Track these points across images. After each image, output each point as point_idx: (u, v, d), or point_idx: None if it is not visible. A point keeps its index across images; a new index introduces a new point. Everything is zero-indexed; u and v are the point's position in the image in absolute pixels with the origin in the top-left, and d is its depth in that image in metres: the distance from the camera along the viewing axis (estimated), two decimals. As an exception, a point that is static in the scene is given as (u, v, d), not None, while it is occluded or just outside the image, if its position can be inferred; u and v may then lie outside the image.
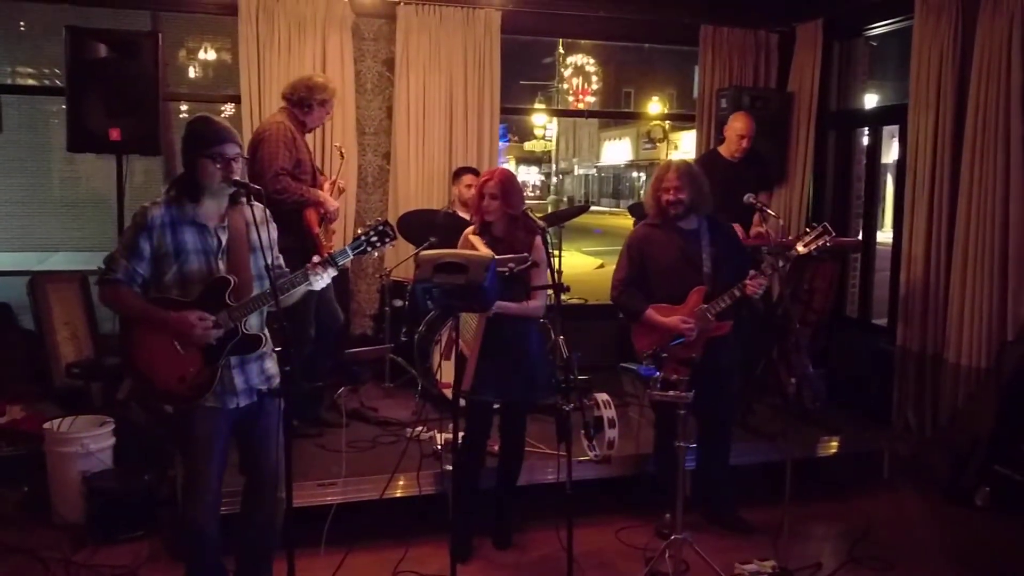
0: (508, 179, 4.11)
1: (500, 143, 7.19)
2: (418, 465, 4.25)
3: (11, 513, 4.51)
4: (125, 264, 3.07)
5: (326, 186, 5.04)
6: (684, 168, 4.33)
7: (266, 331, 3.29)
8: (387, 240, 3.40)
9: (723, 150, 5.81)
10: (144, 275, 3.10)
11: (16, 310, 6.13)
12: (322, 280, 3.29)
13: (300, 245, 4.56)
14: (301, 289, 3.28)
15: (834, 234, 4.31)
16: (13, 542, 4.15)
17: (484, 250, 3.92)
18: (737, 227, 5.19)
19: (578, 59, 32.49)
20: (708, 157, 6.01)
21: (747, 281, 4.16)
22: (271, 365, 3.32)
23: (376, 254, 3.50)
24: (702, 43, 7.20)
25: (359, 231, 3.44)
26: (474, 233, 4.16)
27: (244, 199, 3.16)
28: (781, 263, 4.21)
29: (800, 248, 4.25)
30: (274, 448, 3.25)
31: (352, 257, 3.37)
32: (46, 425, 4.55)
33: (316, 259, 3.29)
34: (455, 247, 4.09)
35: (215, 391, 3.14)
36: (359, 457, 4.63)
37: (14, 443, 4.95)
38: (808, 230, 4.32)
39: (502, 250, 3.92)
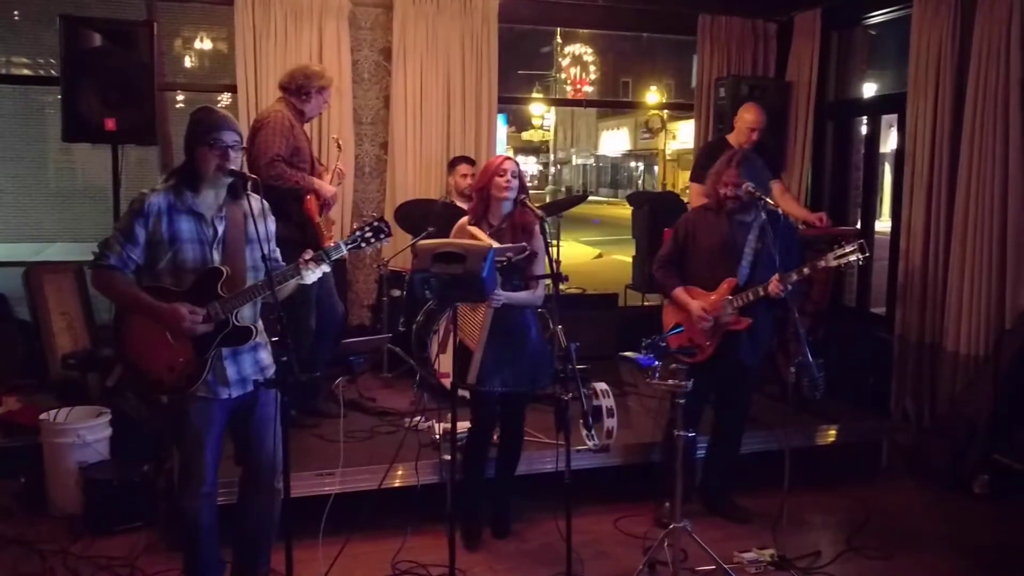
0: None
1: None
2: (416, 455, 4.24)
3: (8, 504, 4.50)
4: (119, 249, 3.06)
5: (326, 176, 5.03)
6: (745, 162, 4.29)
7: (259, 323, 3.29)
8: (381, 236, 3.39)
9: (732, 139, 5.80)
10: (138, 261, 3.09)
11: (12, 301, 6.11)
12: (313, 274, 3.28)
13: (301, 235, 4.56)
14: (293, 282, 3.27)
15: (869, 254, 4.22)
16: (10, 533, 4.15)
17: (488, 240, 3.91)
18: None
19: (576, 49, 32.50)
20: (716, 145, 5.98)
21: (771, 281, 4.13)
22: (265, 356, 3.31)
23: (370, 250, 3.48)
24: (700, 33, 7.18)
25: (354, 226, 3.44)
26: (471, 223, 4.13)
27: (243, 191, 3.15)
28: (806, 270, 4.19)
29: (831, 261, 4.16)
30: (271, 438, 3.24)
31: (345, 252, 3.36)
32: (42, 416, 4.54)
33: (308, 254, 3.28)
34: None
35: (207, 381, 3.14)
36: (357, 447, 4.62)
37: (10, 434, 4.94)
38: (842, 245, 4.21)
39: (502, 239, 3.92)
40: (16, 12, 6.88)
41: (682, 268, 4.43)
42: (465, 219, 4.19)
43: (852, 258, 4.14)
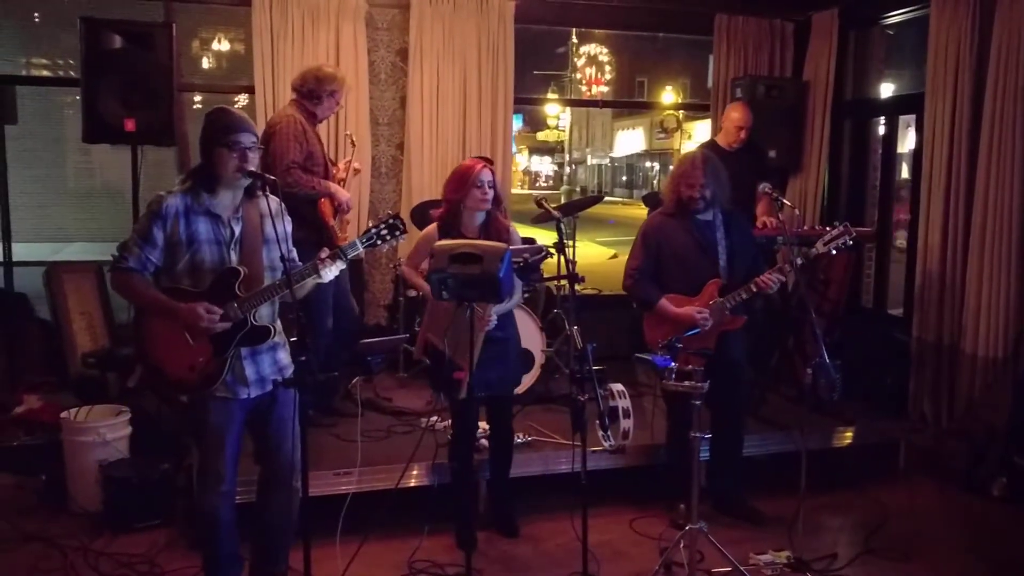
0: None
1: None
2: (433, 455, 4.25)
3: (29, 501, 4.54)
4: (138, 251, 3.09)
5: (341, 168, 5.04)
6: (709, 165, 4.29)
7: (278, 322, 3.31)
8: (397, 234, 3.40)
9: (720, 140, 5.77)
10: (156, 263, 3.12)
11: (32, 300, 6.17)
12: (331, 272, 3.29)
13: (315, 237, 4.57)
14: (310, 281, 3.29)
15: (855, 234, 4.27)
16: (31, 530, 4.19)
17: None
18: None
19: (591, 49, 32.41)
20: (706, 147, 5.99)
21: (761, 276, 4.14)
22: (284, 356, 3.34)
23: (386, 247, 3.50)
24: (717, 32, 7.16)
25: (369, 224, 3.45)
26: (441, 231, 4.03)
27: (260, 191, 3.17)
28: (799, 261, 4.19)
29: (820, 247, 4.21)
30: (289, 438, 3.27)
31: (362, 250, 3.37)
32: (63, 414, 4.58)
33: (325, 252, 3.29)
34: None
35: (226, 381, 3.17)
36: (374, 446, 4.65)
37: (32, 432, 5.00)
38: (828, 228, 4.26)
39: None
40: (36, 14, 6.95)
41: (656, 278, 4.40)
42: (432, 228, 4.12)
43: (839, 240, 4.17)
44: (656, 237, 4.40)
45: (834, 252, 4.33)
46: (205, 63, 7.81)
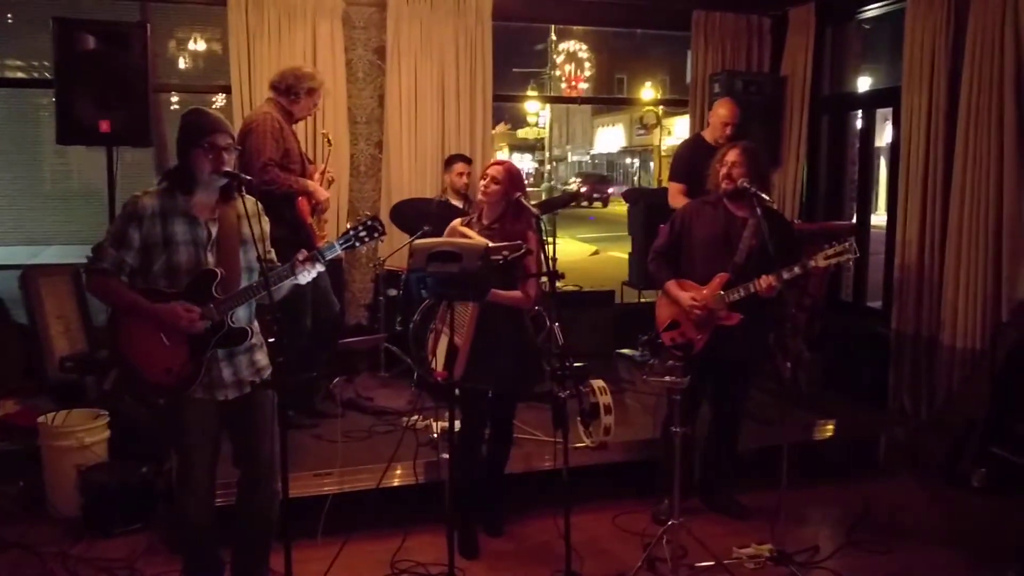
0: (514, 170, 4.12)
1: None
2: (414, 454, 4.25)
3: (7, 507, 4.50)
4: (113, 253, 3.06)
5: (316, 176, 5.02)
6: (750, 150, 4.30)
7: (255, 324, 3.29)
8: (375, 235, 3.38)
9: (707, 135, 5.77)
10: (132, 264, 3.08)
11: (8, 304, 6.09)
12: (308, 275, 3.28)
13: (293, 236, 4.54)
14: (287, 283, 3.27)
15: (859, 254, 4.22)
16: (10, 536, 4.14)
17: (477, 238, 3.91)
18: None
19: (570, 46, 32.47)
20: (692, 141, 6.00)
21: (762, 278, 4.13)
22: (261, 357, 3.31)
23: (364, 248, 3.48)
24: (695, 28, 7.18)
25: (348, 225, 3.43)
26: (464, 224, 4.13)
27: (236, 191, 3.15)
28: (796, 270, 4.17)
29: (820, 261, 4.15)
30: (268, 439, 3.24)
31: (340, 251, 3.35)
32: (40, 419, 4.54)
33: (302, 253, 3.27)
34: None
35: (203, 383, 3.14)
36: (355, 447, 4.63)
37: (9, 437, 4.94)
38: (835, 243, 4.20)
39: (495, 240, 3.91)
40: (9, 15, 6.88)
41: (677, 261, 4.43)
42: (459, 220, 4.21)
43: (843, 258, 4.12)
44: (683, 220, 4.42)
45: (833, 269, 4.27)
46: (181, 63, 7.76)
